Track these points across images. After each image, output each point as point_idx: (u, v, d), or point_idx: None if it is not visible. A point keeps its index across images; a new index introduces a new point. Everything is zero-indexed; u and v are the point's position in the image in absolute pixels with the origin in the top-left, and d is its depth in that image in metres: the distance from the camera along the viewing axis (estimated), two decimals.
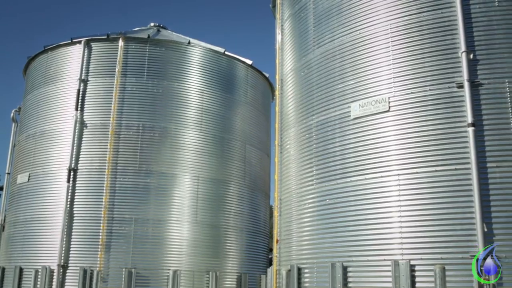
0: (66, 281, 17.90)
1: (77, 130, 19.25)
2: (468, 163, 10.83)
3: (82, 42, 20.22)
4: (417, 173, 11.31)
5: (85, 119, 19.48)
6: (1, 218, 21.79)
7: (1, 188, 30.93)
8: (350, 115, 12.68)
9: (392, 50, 12.30)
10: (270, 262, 20.45)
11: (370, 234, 11.63)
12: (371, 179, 11.92)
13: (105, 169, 18.77)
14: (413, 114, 11.68)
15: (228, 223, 20.40)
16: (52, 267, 17.99)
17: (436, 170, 11.13)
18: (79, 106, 19.56)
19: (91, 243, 18.17)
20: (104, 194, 18.52)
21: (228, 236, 20.29)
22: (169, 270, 18.24)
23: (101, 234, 18.13)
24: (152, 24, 23.39)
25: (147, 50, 20.19)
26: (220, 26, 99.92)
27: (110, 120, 19.24)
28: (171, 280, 18.01)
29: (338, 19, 13.59)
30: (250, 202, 21.63)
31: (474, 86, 11.23)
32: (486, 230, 10.32)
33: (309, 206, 13.37)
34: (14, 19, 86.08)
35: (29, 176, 19.86)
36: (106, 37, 20.36)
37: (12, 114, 23.23)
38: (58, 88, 20.35)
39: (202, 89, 20.70)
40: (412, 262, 10.77)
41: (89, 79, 19.93)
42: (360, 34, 12.95)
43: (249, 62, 22.47)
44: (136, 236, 18.33)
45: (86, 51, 20.19)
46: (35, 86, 21.23)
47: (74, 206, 18.63)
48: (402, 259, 10.87)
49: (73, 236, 18.34)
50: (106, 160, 18.86)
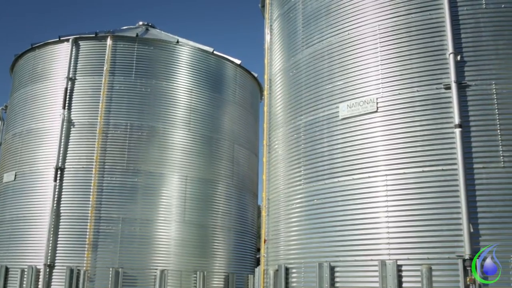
0: (53, 280, 17.79)
1: (64, 129, 19.14)
2: (455, 164, 10.90)
3: (70, 40, 20.12)
4: (404, 173, 11.36)
5: (72, 118, 19.37)
6: None
7: None
8: (338, 116, 12.71)
9: (380, 51, 12.35)
10: (257, 262, 20.44)
11: (357, 234, 11.66)
12: (359, 179, 11.96)
13: (92, 168, 18.68)
14: (401, 115, 11.73)
15: (216, 223, 20.37)
16: (38, 267, 17.88)
17: (423, 171, 11.19)
18: (67, 104, 19.45)
19: (78, 243, 18.06)
20: (91, 193, 18.43)
21: (216, 235, 20.27)
22: (156, 269, 18.19)
23: (88, 233, 18.04)
24: (140, 22, 23.29)
25: (136, 49, 20.12)
26: (209, 25, 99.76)
27: (97, 119, 19.15)
28: (159, 279, 17.96)
29: (326, 20, 13.62)
30: (238, 202, 21.62)
31: (461, 87, 11.30)
32: (472, 230, 10.40)
33: (297, 206, 13.39)
34: (1, 17, 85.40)
35: (15, 174, 19.72)
36: (94, 35, 20.26)
37: None
38: (46, 86, 20.23)
39: (191, 88, 20.66)
40: (399, 262, 10.82)
41: (76, 78, 19.82)
42: (348, 35, 12.99)
43: (237, 61, 22.46)
44: (123, 235, 18.25)
45: (74, 50, 20.08)
46: (22, 84, 21.08)
47: (61, 205, 18.52)
48: (389, 259, 10.92)
49: (59, 235, 18.22)
50: (93, 159, 18.76)
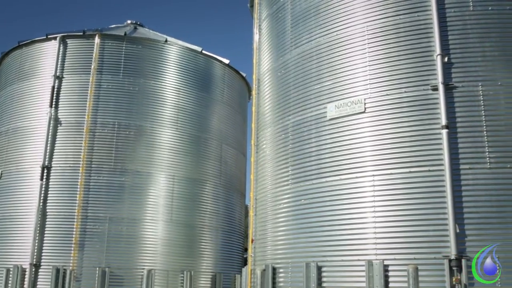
0: (38, 280, 17.68)
1: (51, 127, 19.03)
2: (441, 165, 10.97)
3: (58, 38, 20.01)
4: (391, 174, 11.41)
5: (59, 116, 19.26)
6: None
7: None
8: (326, 116, 12.74)
9: (368, 52, 12.39)
10: (245, 262, 20.45)
11: (344, 234, 11.70)
12: (346, 180, 12.00)
13: (79, 167, 18.59)
14: (388, 116, 11.78)
15: (203, 223, 20.34)
16: (24, 266, 17.74)
17: (410, 171, 11.24)
18: (54, 103, 19.34)
19: (64, 242, 17.96)
20: (78, 192, 18.33)
21: (203, 235, 20.24)
22: (143, 269, 18.13)
23: (74, 232, 17.94)
24: (129, 21, 23.22)
25: (124, 48, 20.04)
26: (197, 25, 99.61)
27: (85, 117, 19.06)
28: (145, 279, 17.90)
29: (315, 20, 13.65)
30: (225, 201, 21.61)
31: (448, 88, 11.38)
32: (458, 231, 10.47)
33: (284, 206, 13.40)
34: None
35: (1, 173, 19.57)
36: (82, 33, 20.15)
37: None
38: (33, 84, 20.09)
39: (179, 87, 20.62)
40: (385, 262, 10.86)
41: (64, 76, 19.71)
42: (337, 35, 13.03)
43: (226, 61, 22.45)
44: (110, 235, 18.18)
45: (61, 48, 19.97)
46: (9, 82, 20.93)
47: (47, 204, 18.41)
48: (376, 259, 10.96)
49: (46, 234, 18.11)
50: (80, 158, 18.67)
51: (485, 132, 11.05)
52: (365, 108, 12.09)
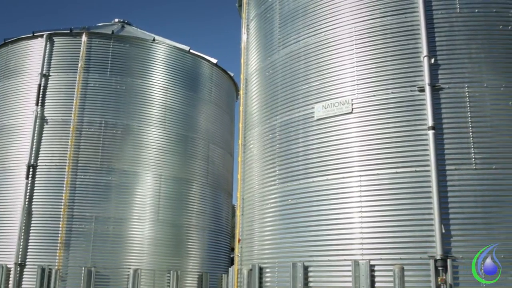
0: (24, 280, 17.56)
1: (37, 126, 18.91)
2: (428, 166, 11.03)
3: (44, 36, 19.88)
4: (378, 174, 11.46)
5: (45, 115, 19.13)
6: None
7: None
8: (313, 116, 12.77)
9: (356, 53, 12.43)
10: (231, 262, 20.44)
11: (331, 234, 11.73)
12: (333, 180, 12.03)
13: (65, 166, 18.48)
14: (375, 116, 11.83)
15: (190, 222, 20.32)
16: (9, 266, 17.62)
17: (396, 172, 11.30)
18: (40, 101, 19.22)
19: (50, 241, 17.85)
20: (64, 191, 18.23)
21: (190, 235, 20.21)
22: (129, 269, 18.07)
23: (60, 232, 17.83)
24: (116, 19, 23.13)
25: (111, 46, 19.95)
26: (185, 23, 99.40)
27: (71, 116, 18.96)
28: (132, 279, 17.84)
29: (303, 21, 13.67)
30: (212, 201, 21.59)
31: (435, 90, 11.44)
32: (444, 231, 10.53)
33: (271, 206, 13.41)
34: None
35: None
36: (69, 31, 20.05)
37: None
38: (18, 82, 19.94)
39: (166, 86, 20.57)
40: (372, 262, 10.91)
41: (50, 74, 19.58)
42: (325, 36, 13.06)
43: (214, 60, 22.44)
44: (96, 234, 18.09)
45: (48, 45, 19.84)
46: None
47: (33, 203, 18.29)
48: (362, 259, 11.00)
49: (31, 234, 17.99)
50: (66, 156, 18.56)
51: (471, 133, 11.13)
52: (352, 108, 12.13)
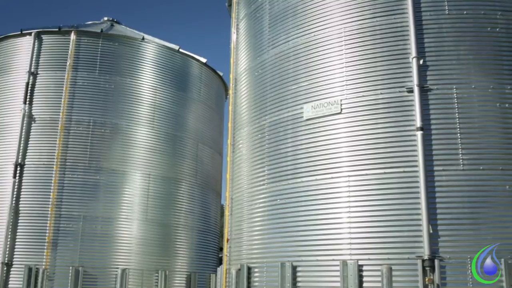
0: (10, 279, 17.46)
1: (25, 124, 18.80)
2: (416, 166, 11.08)
3: (33, 34, 19.76)
4: (366, 174, 11.49)
5: (33, 113, 19.02)
6: None
7: None
8: (302, 116, 12.78)
9: (345, 54, 12.46)
10: (220, 261, 20.43)
11: (319, 234, 11.75)
12: (322, 180, 12.05)
13: (53, 165, 18.38)
14: (364, 117, 11.86)
15: (178, 222, 20.28)
16: None
17: (385, 172, 11.34)
18: (28, 99, 19.10)
19: (37, 241, 17.75)
20: (51, 190, 18.13)
21: (178, 234, 20.18)
22: (117, 268, 18.00)
23: (47, 231, 17.74)
24: (105, 18, 23.04)
25: (100, 45, 19.87)
26: (175, 23, 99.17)
27: (59, 115, 18.86)
28: (120, 278, 17.77)
29: (293, 21, 13.68)
30: (201, 201, 21.57)
31: (424, 91, 11.50)
32: (431, 231, 10.59)
33: (260, 206, 13.42)
34: None
35: None
36: (57, 29, 19.93)
37: None
38: (6, 80, 19.81)
39: (155, 86, 20.51)
40: (360, 262, 10.94)
41: (38, 72, 19.47)
42: (314, 36, 13.08)
43: (203, 60, 22.41)
44: (84, 233, 18.01)
45: (36, 43, 19.73)
46: None
47: (20, 202, 18.17)
48: (351, 259, 11.03)
49: (18, 233, 17.88)
50: (54, 155, 18.46)
51: (458, 134, 11.19)
52: (341, 109, 12.16)
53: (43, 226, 17.82)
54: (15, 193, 18.20)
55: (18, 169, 18.38)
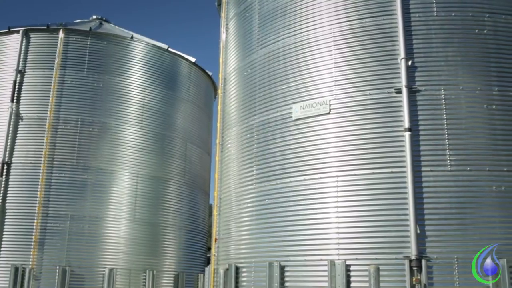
0: None
1: (12, 123, 18.66)
2: (404, 167, 11.13)
3: (20, 32, 19.63)
4: (355, 175, 11.53)
5: (21, 112, 18.89)
6: None
7: None
8: (291, 116, 12.80)
9: (334, 54, 12.49)
10: (208, 261, 20.42)
11: (307, 234, 11.76)
12: (310, 180, 12.06)
13: (40, 163, 18.27)
14: (352, 117, 11.89)
15: (166, 221, 20.23)
16: None
17: (373, 173, 11.38)
18: (15, 97, 18.97)
19: (24, 240, 17.64)
20: (39, 189, 18.02)
21: (166, 234, 20.13)
22: (105, 268, 17.92)
23: (34, 230, 17.63)
24: (94, 16, 22.93)
25: (88, 43, 19.79)
26: (164, 22, 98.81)
27: (47, 113, 18.75)
28: (107, 278, 17.70)
29: (282, 21, 13.70)
30: (189, 200, 21.54)
31: (412, 92, 11.54)
32: (419, 232, 10.64)
33: (248, 206, 13.42)
34: None
35: None
36: (46, 27, 19.82)
37: None
38: None
39: (144, 85, 20.45)
40: (347, 262, 10.96)
41: (26, 70, 19.35)
42: (303, 36, 13.10)
43: (192, 59, 22.38)
44: (71, 233, 17.92)
45: (24, 41, 19.60)
46: None
47: (7, 201, 18.05)
48: (338, 259, 11.06)
49: (4, 232, 17.75)
50: (42, 154, 18.35)
51: (446, 135, 11.25)
52: (330, 109, 12.18)
53: (30, 225, 17.71)
54: (2, 192, 18.08)
55: (5, 167, 18.24)
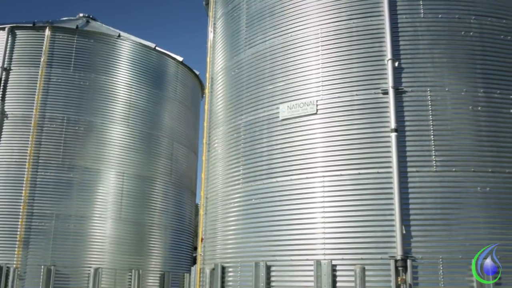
0: None
1: None
2: (390, 167, 11.18)
3: (6, 29, 19.46)
4: (341, 175, 11.56)
5: (6, 110, 18.73)
6: None
7: None
8: (278, 116, 12.81)
9: (321, 54, 12.52)
10: (194, 261, 20.38)
11: (294, 234, 11.78)
12: (297, 180, 12.08)
13: (25, 162, 18.13)
14: (339, 118, 11.93)
15: (152, 221, 20.17)
16: None
17: (359, 173, 11.42)
18: (0, 95, 18.80)
19: (8, 239, 17.48)
20: (23, 188, 17.89)
21: (152, 234, 20.07)
22: (90, 267, 17.83)
23: (19, 230, 17.49)
24: (81, 14, 22.80)
25: (75, 41, 19.67)
26: (152, 20, 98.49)
27: (33, 111, 18.61)
28: (92, 278, 17.61)
29: (270, 21, 13.71)
30: (175, 200, 21.49)
31: (398, 93, 11.60)
32: (404, 232, 10.70)
33: (235, 205, 13.41)
34: None
35: None
36: (32, 25, 19.68)
37: None
38: None
39: (131, 83, 20.37)
40: (333, 262, 10.99)
41: (12, 68, 19.19)
42: (291, 37, 13.12)
43: (179, 58, 22.33)
44: (56, 232, 17.80)
45: (10, 39, 19.43)
46: None
47: None
48: (324, 259, 11.09)
49: None
50: (27, 153, 18.21)
51: (432, 136, 11.32)
52: (317, 109, 12.21)
53: (15, 224, 17.56)
54: None
55: None
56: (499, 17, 12.27)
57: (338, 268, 10.98)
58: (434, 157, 11.21)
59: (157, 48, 21.48)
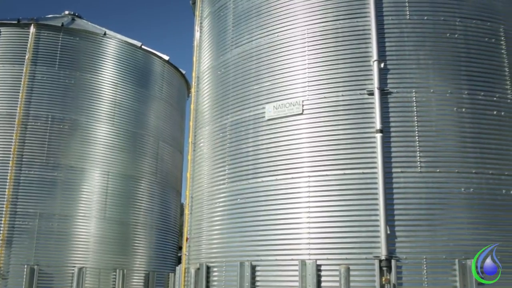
0: None
1: None
2: (375, 168, 11.23)
3: None
4: (326, 175, 11.59)
5: None
6: None
7: None
8: (264, 116, 12.81)
9: (308, 55, 12.54)
10: (179, 260, 20.32)
11: (279, 234, 11.79)
12: (282, 180, 12.10)
13: (9, 160, 17.97)
14: (325, 118, 11.96)
15: (137, 220, 20.09)
16: None
17: (344, 173, 11.46)
18: None
19: None
20: (7, 187, 17.72)
21: (137, 233, 19.99)
22: (74, 267, 17.72)
23: (2, 229, 17.34)
24: (66, 12, 22.61)
25: (60, 39, 19.53)
26: (138, 19, 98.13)
27: (17, 109, 18.45)
28: (76, 277, 17.50)
29: (257, 21, 13.70)
30: (160, 199, 21.42)
31: (384, 94, 11.66)
32: (389, 232, 10.75)
33: (220, 205, 13.39)
34: None
35: None
36: (16, 22, 19.51)
37: None
38: None
39: (116, 82, 20.27)
40: (318, 262, 11.02)
41: None
42: (277, 37, 13.13)
43: (166, 57, 22.27)
44: (40, 231, 17.67)
45: None
46: None
47: None
48: (309, 259, 11.11)
49: None
50: (10, 151, 18.05)
51: (417, 137, 11.39)
52: (303, 110, 12.23)
53: None
54: None
55: None
56: (484, 19, 12.38)
57: (323, 268, 11.01)
58: (418, 158, 11.28)
59: (143, 46, 21.40)
